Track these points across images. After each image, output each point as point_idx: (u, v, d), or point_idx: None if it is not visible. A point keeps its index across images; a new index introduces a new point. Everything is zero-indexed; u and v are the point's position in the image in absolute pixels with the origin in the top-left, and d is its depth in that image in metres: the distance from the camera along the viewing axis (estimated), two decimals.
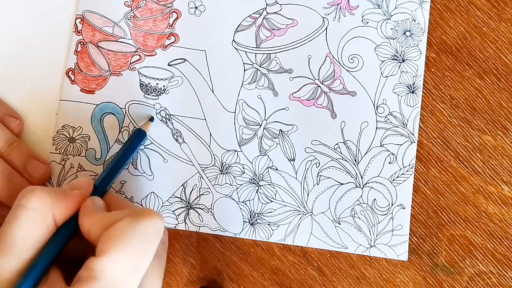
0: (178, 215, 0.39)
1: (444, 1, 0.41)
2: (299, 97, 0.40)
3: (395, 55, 0.40)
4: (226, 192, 0.39)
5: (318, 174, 0.39)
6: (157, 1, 0.40)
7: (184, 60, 0.40)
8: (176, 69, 0.40)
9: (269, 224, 0.39)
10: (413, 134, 0.40)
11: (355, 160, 0.40)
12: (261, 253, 0.39)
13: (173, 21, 0.40)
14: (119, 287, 0.26)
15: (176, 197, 0.39)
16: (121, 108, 0.39)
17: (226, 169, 0.39)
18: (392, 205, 0.39)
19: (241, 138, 0.40)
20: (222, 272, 0.39)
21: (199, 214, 0.39)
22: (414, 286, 0.39)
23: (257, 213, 0.39)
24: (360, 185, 0.39)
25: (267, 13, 0.41)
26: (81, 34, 0.40)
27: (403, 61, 0.40)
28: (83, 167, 0.39)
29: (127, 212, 0.28)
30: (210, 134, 0.39)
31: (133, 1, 0.40)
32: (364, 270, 0.39)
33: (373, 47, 0.40)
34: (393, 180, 0.40)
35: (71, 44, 0.40)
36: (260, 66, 0.40)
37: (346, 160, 0.40)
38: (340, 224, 0.39)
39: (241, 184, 0.39)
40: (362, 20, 0.41)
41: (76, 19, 0.40)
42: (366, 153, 0.40)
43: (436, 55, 0.41)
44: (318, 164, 0.40)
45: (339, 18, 0.41)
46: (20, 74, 0.39)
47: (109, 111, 0.39)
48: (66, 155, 0.39)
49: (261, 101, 0.40)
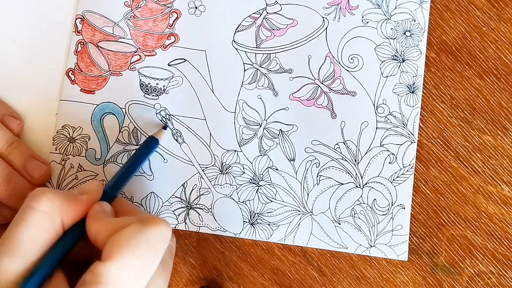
0: (178, 215, 0.39)
1: (444, 1, 0.41)
2: (299, 97, 0.40)
3: (395, 55, 0.40)
4: (226, 192, 0.39)
5: (318, 174, 0.39)
6: (157, 1, 0.40)
7: (184, 60, 0.40)
8: (176, 69, 0.40)
9: (269, 224, 0.39)
10: (413, 134, 0.40)
11: (355, 160, 0.40)
12: (261, 253, 0.39)
13: (173, 21, 0.40)
14: None
15: (176, 197, 0.39)
16: (121, 108, 0.39)
17: (226, 169, 0.39)
18: (392, 205, 0.39)
19: (241, 138, 0.40)
20: (222, 272, 0.39)
21: (199, 214, 0.39)
22: (414, 286, 0.39)
23: (257, 213, 0.39)
24: (360, 185, 0.39)
25: (267, 13, 0.41)
26: (81, 34, 0.40)
27: (403, 61, 0.40)
28: (83, 167, 0.39)
29: (135, 219, 0.28)
30: (210, 134, 0.39)
31: (133, 1, 0.40)
32: (364, 270, 0.39)
33: (373, 47, 0.40)
34: (393, 180, 0.40)
35: (71, 44, 0.40)
36: (260, 66, 0.40)
37: (346, 160, 0.40)
38: (340, 224, 0.39)
39: (241, 184, 0.39)
40: (362, 20, 0.41)
41: (76, 19, 0.40)
42: (366, 153, 0.40)
43: (436, 55, 0.41)
44: (318, 164, 0.40)
45: (339, 18, 0.41)
46: (20, 74, 0.39)
47: (109, 111, 0.39)
48: (66, 155, 0.39)
49: (261, 101, 0.40)
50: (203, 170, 0.39)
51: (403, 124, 0.40)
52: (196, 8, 0.40)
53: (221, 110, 0.40)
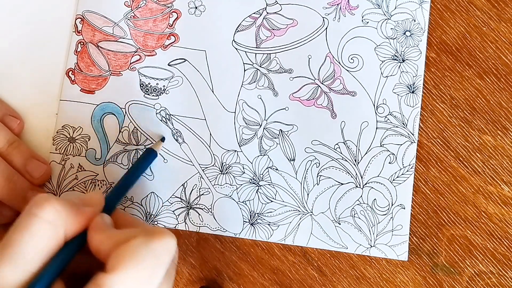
0: (178, 215, 0.39)
1: (444, 1, 0.41)
2: (299, 97, 0.40)
3: (395, 55, 0.40)
4: (226, 192, 0.39)
5: (318, 174, 0.39)
6: (157, 1, 0.40)
7: (184, 60, 0.40)
8: (176, 69, 0.40)
9: (269, 224, 0.39)
10: (413, 134, 0.40)
11: (355, 160, 0.40)
12: (261, 253, 0.39)
13: (173, 21, 0.40)
14: None
15: (176, 197, 0.39)
16: (121, 108, 0.39)
17: (226, 169, 0.39)
18: (392, 205, 0.39)
19: (241, 138, 0.40)
20: (222, 272, 0.39)
21: (199, 214, 0.39)
22: (414, 286, 0.39)
23: (257, 213, 0.39)
24: (360, 185, 0.39)
25: (267, 13, 0.41)
26: (81, 34, 0.40)
27: (403, 61, 0.40)
28: (83, 167, 0.39)
29: (140, 231, 0.28)
30: (210, 134, 0.39)
31: (133, 1, 0.40)
32: (364, 270, 0.39)
33: (373, 47, 0.40)
34: (393, 180, 0.40)
35: (71, 44, 0.40)
36: (260, 66, 0.40)
37: (346, 160, 0.40)
38: (340, 224, 0.39)
39: (241, 184, 0.39)
40: (362, 20, 0.41)
41: (76, 19, 0.40)
42: (366, 153, 0.40)
43: (436, 55, 0.41)
44: (318, 164, 0.40)
45: (339, 18, 0.41)
46: (20, 74, 0.39)
47: (109, 111, 0.39)
48: (66, 155, 0.39)
49: (261, 101, 0.40)
50: (203, 170, 0.39)
51: (403, 124, 0.40)
52: (196, 8, 0.40)
53: (221, 110, 0.40)
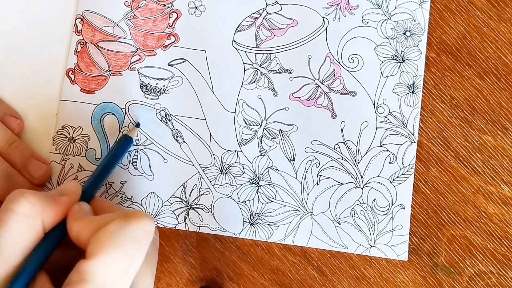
0: (178, 215, 0.39)
1: (444, 1, 0.41)
2: (299, 97, 0.40)
3: (395, 55, 0.40)
4: (226, 192, 0.39)
5: (318, 174, 0.39)
6: (157, 1, 0.40)
7: (184, 60, 0.40)
8: (176, 69, 0.40)
9: (269, 224, 0.39)
10: (413, 134, 0.40)
11: (355, 160, 0.40)
12: (261, 253, 0.39)
13: (173, 21, 0.40)
14: None
15: (176, 197, 0.39)
16: (121, 108, 0.39)
17: (226, 169, 0.39)
18: (392, 205, 0.39)
19: (241, 138, 0.40)
20: (222, 272, 0.39)
21: (199, 214, 0.39)
22: (414, 286, 0.39)
23: (257, 213, 0.39)
24: (360, 185, 0.39)
25: (267, 13, 0.41)
26: (81, 34, 0.40)
27: (403, 61, 0.40)
28: (83, 167, 0.39)
29: (117, 215, 0.28)
30: (210, 134, 0.39)
31: (133, 1, 0.40)
32: (364, 270, 0.39)
33: (373, 47, 0.40)
34: (393, 180, 0.40)
35: (71, 44, 0.40)
36: (260, 66, 0.40)
37: (346, 160, 0.40)
38: (340, 224, 0.39)
39: (241, 184, 0.39)
40: (362, 20, 0.41)
41: (76, 19, 0.40)
42: (366, 153, 0.40)
43: (436, 55, 0.41)
44: (318, 164, 0.40)
45: (339, 18, 0.41)
46: (20, 74, 0.39)
47: (109, 111, 0.39)
48: (66, 155, 0.39)
49: (261, 101, 0.40)
50: (203, 170, 0.39)
51: (403, 124, 0.40)
52: (196, 8, 0.40)
53: (221, 110, 0.40)
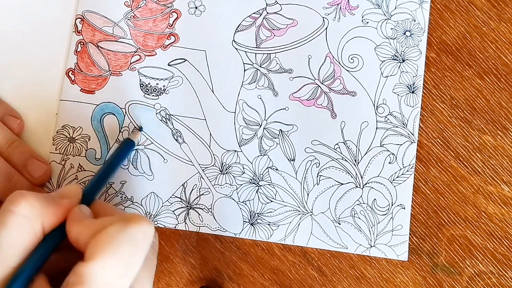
0: (178, 215, 0.39)
1: (444, 1, 0.41)
2: (299, 97, 0.40)
3: (395, 55, 0.40)
4: (226, 192, 0.39)
5: (318, 174, 0.39)
6: (157, 1, 0.40)
7: (184, 60, 0.40)
8: (176, 69, 0.40)
9: (269, 224, 0.39)
10: (413, 134, 0.40)
11: (355, 160, 0.40)
12: (261, 253, 0.39)
13: (173, 21, 0.40)
14: None
15: (176, 197, 0.39)
16: (121, 108, 0.39)
17: (226, 169, 0.39)
18: (392, 205, 0.39)
19: (241, 138, 0.40)
20: (222, 272, 0.39)
21: (199, 214, 0.39)
22: (414, 286, 0.39)
23: (257, 213, 0.39)
24: (360, 185, 0.39)
25: (267, 13, 0.41)
26: (81, 34, 0.40)
27: (403, 61, 0.40)
28: (83, 167, 0.39)
29: (116, 218, 0.28)
30: (210, 134, 0.39)
31: (133, 1, 0.40)
32: (364, 270, 0.39)
33: (373, 47, 0.40)
34: (393, 180, 0.40)
35: (71, 44, 0.40)
36: (260, 66, 0.40)
37: (346, 160, 0.40)
38: (340, 224, 0.39)
39: (241, 184, 0.39)
40: (362, 20, 0.41)
41: (76, 19, 0.40)
42: (366, 153, 0.40)
43: (436, 55, 0.41)
44: (318, 164, 0.40)
45: (339, 18, 0.41)
46: (20, 74, 0.39)
47: (109, 111, 0.39)
48: (66, 155, 0.39)
49: (261, 101, 0.40)
50: (203, 170, 0.39)
51: (403, 124, 0.40)
52: (196, 8, 0.40)
53: (221, 110, 0.40)
